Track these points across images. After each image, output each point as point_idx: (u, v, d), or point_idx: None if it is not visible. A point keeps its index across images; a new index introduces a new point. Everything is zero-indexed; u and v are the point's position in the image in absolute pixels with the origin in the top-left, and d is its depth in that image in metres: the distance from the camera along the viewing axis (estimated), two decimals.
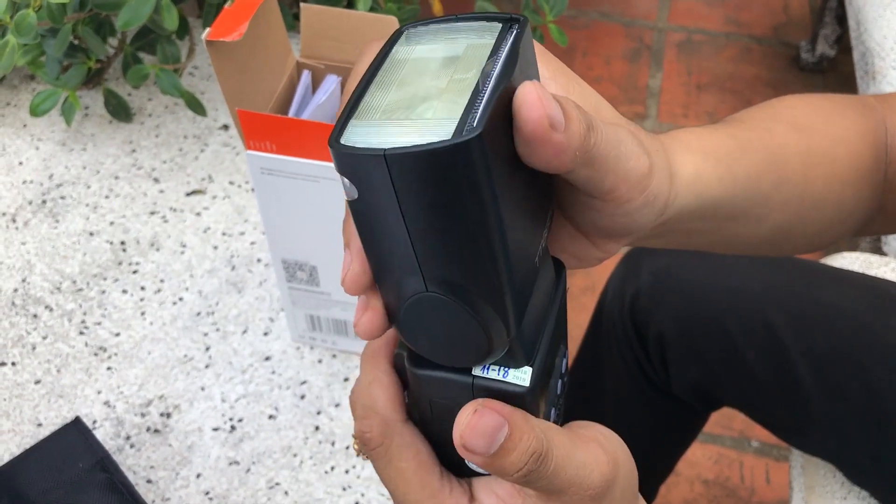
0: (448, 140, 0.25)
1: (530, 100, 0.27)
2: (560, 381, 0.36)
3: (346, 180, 0.28)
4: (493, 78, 0.28)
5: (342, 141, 0.27)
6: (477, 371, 0.32)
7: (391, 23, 0.61)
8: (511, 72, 0.28)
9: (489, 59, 0.29)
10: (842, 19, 1.93)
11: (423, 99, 0.28)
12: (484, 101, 0.27)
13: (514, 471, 0.30)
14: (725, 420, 1.39)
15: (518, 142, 0.28)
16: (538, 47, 0.33)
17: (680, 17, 2.15)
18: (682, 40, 2.09)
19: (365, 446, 0.34)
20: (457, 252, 0.28)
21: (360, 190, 0.28)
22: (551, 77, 0.34)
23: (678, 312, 0.84)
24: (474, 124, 0.26)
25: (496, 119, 0.27)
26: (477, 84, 0.27)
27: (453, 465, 0.35)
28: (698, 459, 1.35)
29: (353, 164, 0.27)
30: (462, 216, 0.27)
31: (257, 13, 0.55)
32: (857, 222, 0.50)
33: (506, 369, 0.32)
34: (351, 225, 0.31)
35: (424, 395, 0.33)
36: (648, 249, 0.88)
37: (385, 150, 0.26)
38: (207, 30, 0.54)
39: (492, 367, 0.32)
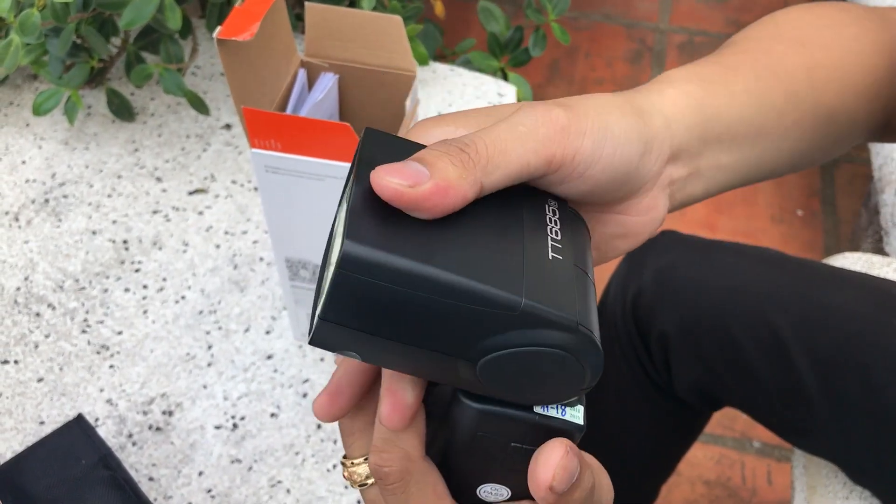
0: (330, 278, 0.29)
1: (378, 184, 0.29)
2: None
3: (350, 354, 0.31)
4: (347, 200, 0.30)
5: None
6: (538, 409, 0.32)
7: (395, 21, 0.61)
8: (353, 181, 0.31)
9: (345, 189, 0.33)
10: None
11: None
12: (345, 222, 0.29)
13: None
14: (727, 421, 1.39)
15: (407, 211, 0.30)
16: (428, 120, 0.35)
17: (682, 18, 2.16)
18: (684, 42, 2.09)
19: (381, 481, 0.33)
20: (460, 322, 0.29)
21: (360, 354, 0.31)
22: (441, 124, 0.34)
23: (680, 312, 0.84)
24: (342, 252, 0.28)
25: (362, 222, 0.29)
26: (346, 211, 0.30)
27: (464, 498, 0.35)
28: (700, 460, 1.35)
29: (328, 341, 0.31)
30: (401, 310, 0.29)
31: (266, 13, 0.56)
32: (869, 133, 0.49)
33: (563, 408, 0.32)
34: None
35: (471, 429, 0.32)
36: (651, 249, 0.88)
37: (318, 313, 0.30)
38: (218, 28, 0.54)
39: (549, 406, 0.32)
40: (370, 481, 0.35)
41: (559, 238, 0.32)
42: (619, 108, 0.35)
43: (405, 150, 0.32)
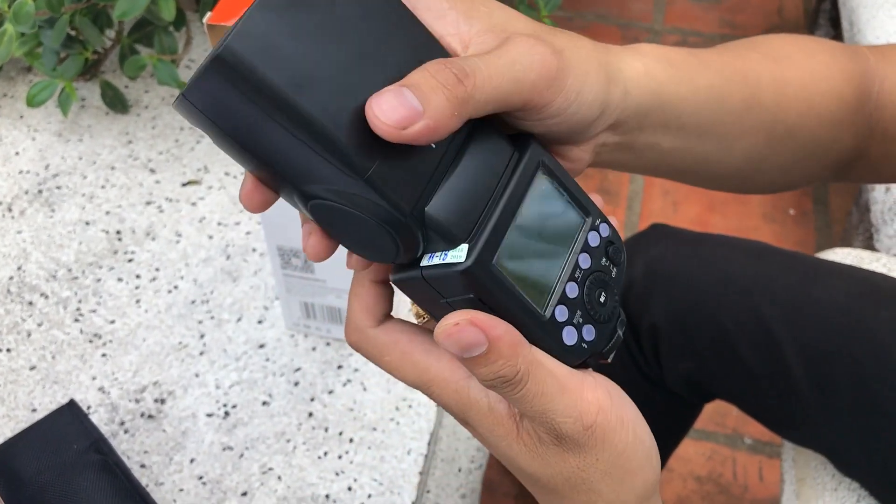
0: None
1: (371, 115, 0.30)
2: (587, 255, 0.36)
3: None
4: None
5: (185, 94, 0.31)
6: (424, 262, 0.33)
7: None
8: None
9: None
10: (836, 21, 1.94)
11: None
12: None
13: (481, 380, 0.34)
14: (719, 417, 1.39)
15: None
16: None
17: (675, 19, 2.16)
18: (678, 42, 2.10)
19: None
20: (304, 159, 0.30)
21: (211, 138, 0.31)
22: (450, 6, 0.35)
23: (671, 305, 0.84)
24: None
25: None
26: None
27: None
28: (691, 456, 1.35)
29: (186, 117, 0.31)
30: (261, 125, 0.30)
31: None
32: (835, 163, 0.50)
33: (445, 252, 0.33)
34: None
35: (412, 299, 0.36)
36: (641, 242, 0.89)
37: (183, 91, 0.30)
38: (209, 14, 0.54)
39: (435, 254, 0.33)
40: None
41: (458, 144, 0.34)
42: (597, 69, 0.37)
43: None
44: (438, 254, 0.33)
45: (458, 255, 0.32)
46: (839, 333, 0.77)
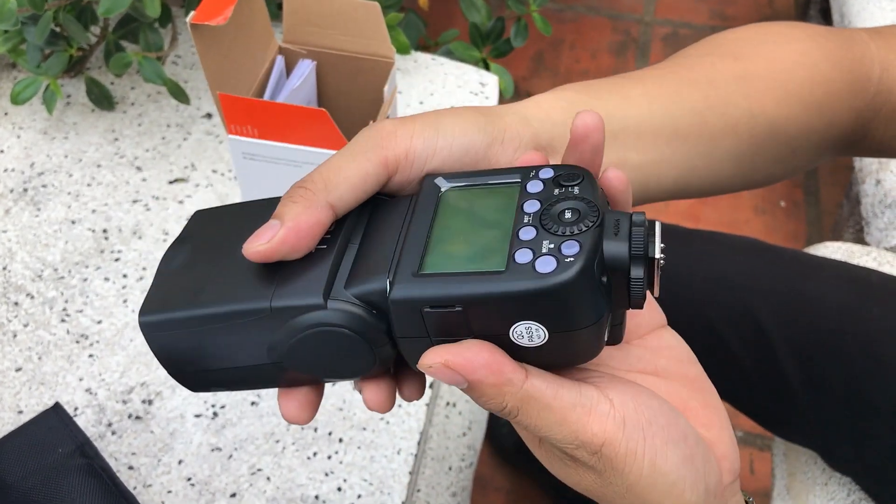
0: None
1: (247, 254, 0.35)
2: (534, 200, 0.34)
3: None
4: None
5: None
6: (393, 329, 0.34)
7: (373, 9, 0.61)
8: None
9: None
10: (826, 12, 1.94)
11: None
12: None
13: (479, 402, 0.33)
14: None
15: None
16: None
17: (666, 10, 2.16)
18: (669, 34, 2.09)
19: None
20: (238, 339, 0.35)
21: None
22: None
23: (662, 301, 0.84)
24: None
25: None
26: None
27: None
28: None
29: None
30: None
31: None
32: (836, 144, 0.49)
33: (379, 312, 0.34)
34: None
35: (399, 319, 0.35)
36: None
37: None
38: (192, 13, 0.53)
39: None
40: None
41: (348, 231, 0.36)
42: (457, 114, 0.38)
43: (233, 217, 0.39)
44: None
45: (381, 288, 0.33)
46: (830, 330, 0.76)
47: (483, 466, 1.30)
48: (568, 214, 0.32)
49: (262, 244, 0.33)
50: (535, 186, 0.34)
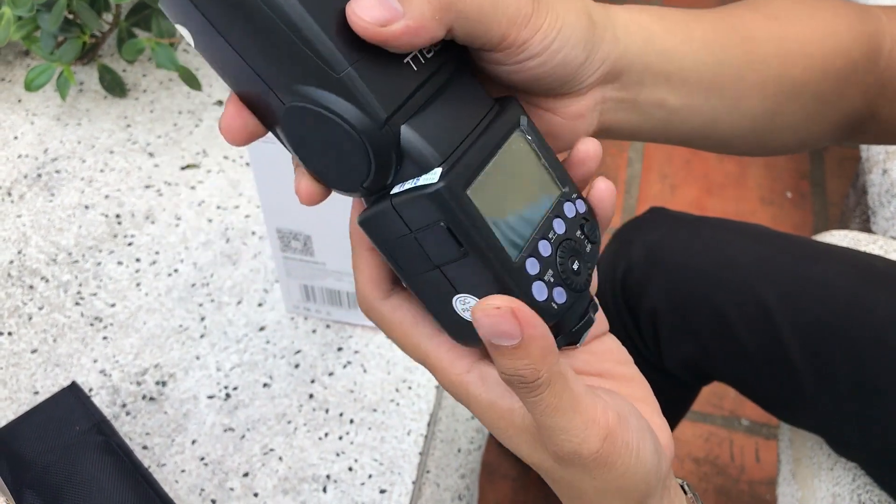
0: None
1: (352, 15, 0.30)
2: (562, 222, 0.35)
3: (184, 31, 0.31)
4: None
5: None
6: (395, 190, 0.32)
7: None
8: None
9: None
10: None
11: None
12: None
13: (500, 371, 0.32)
14: (716, 399, 1.40)
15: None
16: None
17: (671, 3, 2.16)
18: None
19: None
20: (283, 49, 0.30)
21: (192, 34, 0.31)
22: None
23: (670, 288, 0.85)
24: None
25: None
26: None
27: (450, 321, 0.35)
28: (689, 438, 1.36)
29: (169, 9, 0.31)
30: (259, 15, 0.30)
31: None
32: (844, 121, 0.50)
33: (417, 178, 0.32)
34: None
35: (382, 248, 0.34)
36: (640, 226, 0.89)
37: None
38: None
39: (406, 182, 0.32)
40: None
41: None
42: (578, 11, 0.37)
43: None
44: (410, 181, 0.32)
45: (431, 177, 0.31)
46: (837, 315, 0.77)
47: (490, 454, 1.31)
48: (575, 266, 0.35)
49: (370, 18, 0.30)
50: (569, 210, 0.36)
